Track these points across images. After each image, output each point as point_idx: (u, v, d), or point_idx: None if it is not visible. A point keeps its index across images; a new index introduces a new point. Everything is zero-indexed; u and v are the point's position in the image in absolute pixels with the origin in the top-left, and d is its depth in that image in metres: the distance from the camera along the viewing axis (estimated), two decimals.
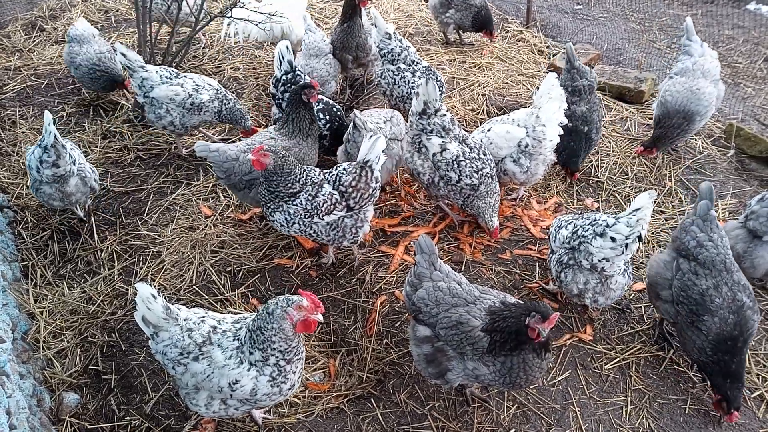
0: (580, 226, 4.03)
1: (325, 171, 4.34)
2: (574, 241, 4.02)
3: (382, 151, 4.23)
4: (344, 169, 4.24)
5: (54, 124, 4.60)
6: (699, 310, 3.74)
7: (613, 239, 3.77)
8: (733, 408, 3.65)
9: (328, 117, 5.34)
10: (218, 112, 5.58)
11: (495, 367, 3.32)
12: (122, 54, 5.27)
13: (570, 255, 4.05)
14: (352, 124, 4.77)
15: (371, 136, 4.15)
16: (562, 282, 4.12)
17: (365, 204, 4.28)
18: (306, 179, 4.22)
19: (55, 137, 4.57)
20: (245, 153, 4.65)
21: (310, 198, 4.16)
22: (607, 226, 3.83)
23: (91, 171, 5.04)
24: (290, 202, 4.19)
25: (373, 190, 4.25)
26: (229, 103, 5.61)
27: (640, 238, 3.76)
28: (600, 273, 3.94)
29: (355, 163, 4.24)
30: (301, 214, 4.18)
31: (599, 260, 3.87)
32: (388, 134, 4.95)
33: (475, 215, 4.81)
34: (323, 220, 4.19)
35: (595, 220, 3.98)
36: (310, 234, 4.30)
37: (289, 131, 4.79)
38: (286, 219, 4.24)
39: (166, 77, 5.45)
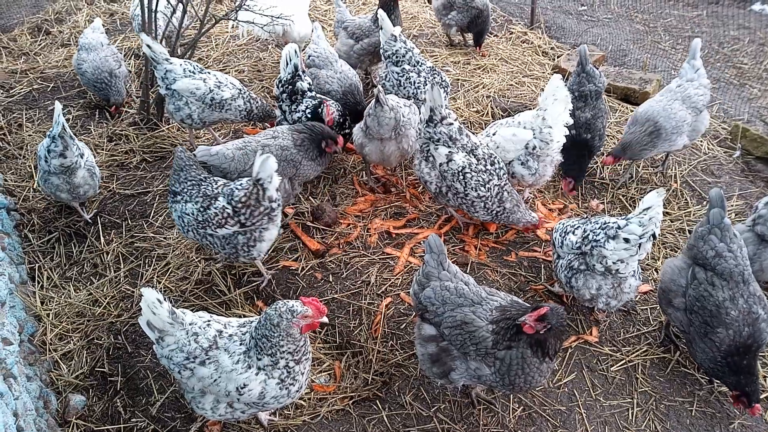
0: (591, 231, 4.01)
1: (226, 183, 4.29)
2: (585, 246, 3.99)
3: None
4: (240, 184, 4.17)
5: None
6: (714, 322, 3.69)
7: (626, 240, 3.76)
8: (753, 401, 3.63)
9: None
10: (249, 111, 5.64)
11: (495, 367, 3.33)
12: (147, 45, 5.30)
13: (581, 260, 4.03)
14: (374, 99, 4.87)
15: (261, 153, 4.01)
16: (573, 287, 4.10)
17: (259, 222, 4.18)
18: (195, 185, 4.26)
19: (63, 127, 4.67)
20: (240, 150, 4.73)
21: (202, 209, 4.16)
22: (619, 227, 3.82)
23: (96, 168, 5.13)
24: (178, 201, 4.27)
25: (265, 209, 4.14)
26: (257, 102, 5.70)
27: (654, 236, 3.76)
28: (614, 276, 3.92)
29: (249, 179, 4.15)
30: (194, 225, 4.21)
31: (614, 262, 3.85)
32: (406, 116, 5.09)
33: (515, 224, 4.82)
34: (216, 232, 4.19)
35: (605, 223, 3.96)
36: (206, 244, 4.33)
37: (298, 144, 4.90)
38: (181, 225, 4.32)
39: (189, 71, 5.48)
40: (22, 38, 7.87)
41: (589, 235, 4.00)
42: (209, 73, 5.59)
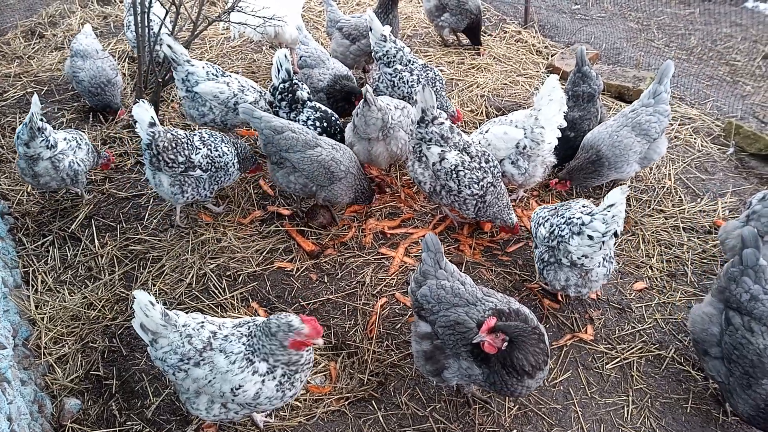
0: (557, 226, 4.09)
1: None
2: (552, 240, 4.09)
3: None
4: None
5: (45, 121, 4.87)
6: (756, 372, 3.40)
7: (590, 237, 3.84)
8: None
9: (325, 125, 5.33)
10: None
11: (483, 371, 3.35)
12: (168, 46, 5.27)
13: (550, 253, 4.14)
14: (363, 99, 4.86)
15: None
16: (546, 279, 4.24)
17: None
18: None
19: (31, 118, 4.69)
20: (294, 133, 4.72)
21: None
22: (583, 224, 3.89)
23: (72, 165, 5.07)
24: None
25: None
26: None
27: (616, 234, 3.82)
28: (581, 268, 4.02)
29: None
30: None
31: (578, 257, 3.95)
32: (396, 119, 5.09)
33: (492, 220, 4.81)
34: None
35: (570, 218, 4.01)
36: None
37: (352, 185, 5.01)
38: None
39: (212, 74, 5.47)
40: (16, 42, 7.85)
41: (554, 230, 4.09)
42: (230, 76, 5.60)
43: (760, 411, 3.39)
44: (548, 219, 4.23)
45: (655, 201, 5.45)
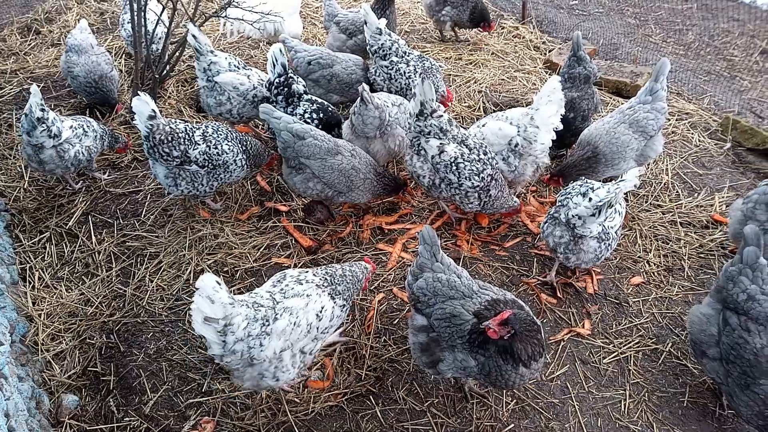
0: (572, 186, 4.26)
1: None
2: (561, 197, 4.24)
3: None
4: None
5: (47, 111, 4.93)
6: (754, 372, 3.38)
7: (590, 199, 3.98)
8: None
9: (323, 116, 5.32)
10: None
11: (479, 362, 3.35)
12: (193, 36, 5.33)
13: (557, 210, 4.26)
14: (359, 97, 4.86)
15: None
16: (543, 233, 4.37)
17: None
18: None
19: (31, 109, 4.78)
20: (316, 140, 4.65)
21: None
22: (592, 189, 4.05)
23: (77, 155, 5.15)
24: None
25: None
26: None
27: (610, 205, 3.94)
28: (573, 231, 4.11)
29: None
30: None
31: (572, 216, 4.06)
32: (393, 116, 5.10)
33: (499, 210, 4.86)
34: None
35: (587, 182, 4.20)
36: None
37: (376, 187, 5.05)
38: None
39: (234, 66, 5.54)
40: (12, 38, 7.82)
41: (569, 189, 4.25)
42: (251, 69, 5.65)
43: (764, 416, 3.35)
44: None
45: (652, 196, 5.46)
